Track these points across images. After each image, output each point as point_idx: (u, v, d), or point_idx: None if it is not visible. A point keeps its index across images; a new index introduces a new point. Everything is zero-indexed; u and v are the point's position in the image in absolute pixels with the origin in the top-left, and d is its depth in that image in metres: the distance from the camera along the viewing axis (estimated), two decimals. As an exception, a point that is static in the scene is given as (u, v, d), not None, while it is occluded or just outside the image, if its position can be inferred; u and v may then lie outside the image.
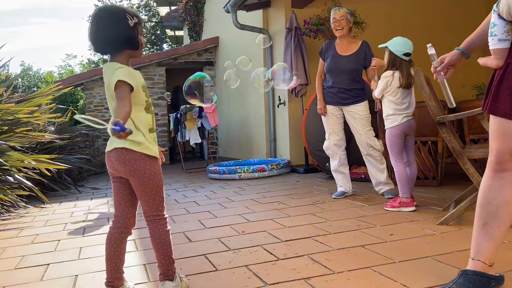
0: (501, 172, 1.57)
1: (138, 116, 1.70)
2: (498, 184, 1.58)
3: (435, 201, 3.35)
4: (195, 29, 10.83)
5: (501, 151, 1.56)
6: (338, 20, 3.74)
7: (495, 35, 1.49)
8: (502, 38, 1.48)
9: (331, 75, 3.87)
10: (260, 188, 4.73)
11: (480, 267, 1.60)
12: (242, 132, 7.90)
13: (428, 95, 2.74)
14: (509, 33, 1.47)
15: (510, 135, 1.52)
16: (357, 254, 2.20)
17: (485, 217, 1.60)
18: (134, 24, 1.70)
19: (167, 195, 4.70)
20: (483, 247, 1.60)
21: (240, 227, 2.96)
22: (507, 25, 1.46)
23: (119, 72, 1.63)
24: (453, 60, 1.77)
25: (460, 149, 2.57)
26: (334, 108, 3.88)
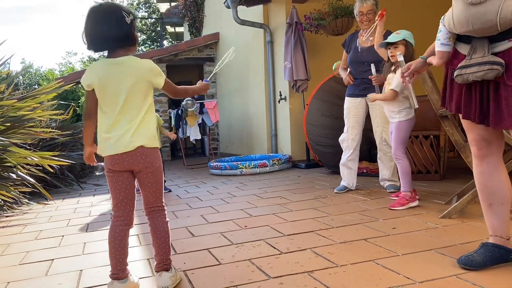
0: (485, 158, 1.82)
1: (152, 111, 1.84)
2: (487, 169, 1.82)
3: (437, 195, 3.35)
4: (196, 25, 10.81)
5: (475, 140, 1.82)
6: (365, 14, 3.62)
7: (439, 40, 1.80)
8: (444, 43, 1.79)
9: (353, 67, 3.85)
10: (262, 184, 4.74)
11: (498, 241, 1.81)
12: (243, 127, 7.90)
13: (430, 88, 2.74)
14: (450, 40, 1.78)
15: (473, 127, 1.80)
16: (359, 247, 2.21)
17: (488, 199, 1.83)
18: (130, 21, 1.75)
19: (169, 190, 4.71)
20: (495, 224, 1.82)
21: (243, 222, 2.97)
22: (449, 33, 1.76)
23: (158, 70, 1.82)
24: (418, 68, 2.15)
25: (462, 142, 2.57)
26: (356, 101, 3.84)
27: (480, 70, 1.63)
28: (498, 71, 1.60)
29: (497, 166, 1.81)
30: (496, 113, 1.66)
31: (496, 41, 1.63)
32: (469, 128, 1.84)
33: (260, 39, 6.76)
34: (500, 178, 1.80)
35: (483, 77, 1.63)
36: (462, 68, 1.70)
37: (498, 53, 1.64)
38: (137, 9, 23.19)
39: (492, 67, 1.61)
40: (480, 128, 1.78)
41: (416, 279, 1.73)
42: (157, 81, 1.81)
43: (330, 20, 5.26)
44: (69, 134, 5.76)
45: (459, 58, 1.76)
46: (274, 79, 6.57)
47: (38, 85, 20.94)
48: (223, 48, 8.93)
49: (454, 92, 1.81)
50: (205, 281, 1.88)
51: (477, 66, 1.64)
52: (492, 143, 1.80)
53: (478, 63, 1.65)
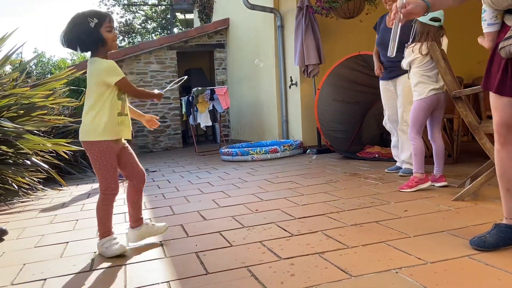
0: (506, 145, 1.75)
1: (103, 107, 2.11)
2: (506, 156, 1.77)
3: (450, 178, 3.31)
4: (205, 12, 10.75)
5: (498, 124, 1.75)
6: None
7: (485, 20, 1.69)
8: (490, 23, 1.68)
9: (380, 49, 3.87)
10: (273, 169, 4.74)
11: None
12: (254, 114, 7.88)
13: (443, 69, 2.69)
14: (498, 18, 1.66)
15: (499, 107, 1.70)
16: (371, 229, 2.20)
17: (506, 184, 1.79)
18: (95, 25, 2.00)
19: (181, 176, 4.75)
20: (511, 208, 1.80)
21: (254, 205, 2.98)
22: (494, 11, 1.65)
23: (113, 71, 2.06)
24: (415, 10, 1.77)
25: (476, 124, 2.53)
26: (386, 83, 3.88)
27: None
28: None
29: None
30: None
31: None
32: (494, 110, 1.75)
33: (271, 24, 6.70)
34: None
35: None
36: (506, 39, 1.59)
37: None
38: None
39: None
40: (505, 111, 1.70)
41: (428, 259, 1.72)
42: (109, 79, 2.05)
43: (342, 2, 5.17)
44: (82, 122, 5.81)
45: (505, 31, 1.65)
46: (284, 64, 6.52)
47: (51, 74, 21.14)
48: (233, 34, 8.88)
49: (494, 68, 1.72)
50: (217, 262, 1.90)
51: None
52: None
53: None
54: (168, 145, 8.93)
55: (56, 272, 1.95)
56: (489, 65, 1.74)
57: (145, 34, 23.30)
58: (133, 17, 23.47)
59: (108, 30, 2.04)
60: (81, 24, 2.00)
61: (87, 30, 1.99)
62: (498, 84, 1.67)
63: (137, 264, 1.98)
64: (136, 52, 8.62)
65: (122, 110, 2.15)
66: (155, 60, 8.79)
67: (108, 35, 2.04)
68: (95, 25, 2.00)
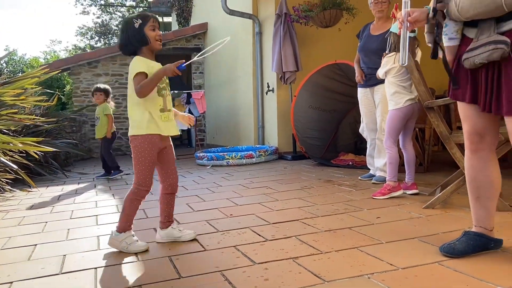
0: (477, 152, 1.79)
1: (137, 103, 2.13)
2: (477, 164, 1.80)
3: (421, 186, 3.40)
4: (184, 15, 10.70)
5: (469, 132, 1.78)
6: (380, 2, 3.65)
7: (446, 34, 1.75)
8: (452, 37, 1.75)
9: (361, 55, 3.91)
10: (248, 174, 4.74)
11: (481, 230, 1.84)
12: (230, 119, 7.88)
13: (417, 80, 2.76)
14: (458, 32, 1.74)
15: (471, 117, 1.75)
16: (344, 235, 2.23)
17: (476, 192, 1.83)
18: (139, 25, 2.09)
19: (155, 180, 4.66)
20: (481, 215, 1.85)
21: (228, 210, 2.97)
22: (456, 26, 1.73)
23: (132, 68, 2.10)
24: (420, 17, 1.80)
25: (447, 134, 2.61)
26: (365, 91, 3.91)
27: (485, 50, 1.57)
28: (504, 50, 1.53)
29: (488, 160, 1.78)
30: (497, 98, 1.61)
31: (503, 21, 1.57)
32: (465, 119, 1.79)
33: (249, 30, 6.73)
34: (490, 173, 1.78)
35: (488, 57, 1.57)
36: (469, 51, 1.64)
37: (505, 33, 1.57)
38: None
39: (497, 47, 1.53)
40: (476, 120, 1.74)
41: (399, 265, 1.75)
42: (131, 76, 2.10)
43: (317, 11, 5.26)
44: (54, 122, 5.67)
45: (467, 43, 1.70)
46: (262, 70, 6.56)
47: (22, 72, 20.51)
48: (212, 38, 8.87)
49: (460, 79, 1.75)
50: (190, 266, 1.88)
51: (482, 47, 1.58)
52: (484, 137, 1.76)
53: (483, 44, 1.58)
54: (142, 148, 8.81)
55: (23, 275, 1.88)
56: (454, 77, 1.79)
57: (122, 36, 22.96)
58: (110, 18, 23.12)
59: (151, 29, 2.12)
60: (127, 27, 2.12)
61: (133, 30, 2.10)
62: (471, 94, 1.72)
63: (108, 267, 1.94)
64: (112, 53, 8.49)
65: (165, 106, 2.17)
66: (132, 62, 8.67)
67: (151, 33, 2.11)
68: (139, 25, 2.10)
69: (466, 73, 1.73)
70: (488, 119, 1.73)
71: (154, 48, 2.15)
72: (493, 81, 1.62)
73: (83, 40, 23.42)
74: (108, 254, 2.12)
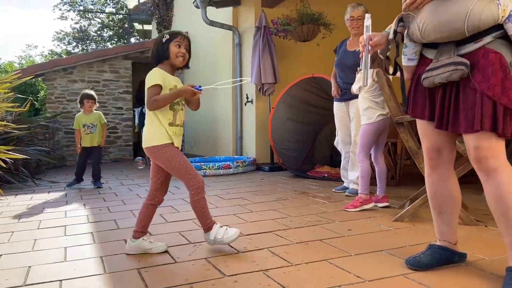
0: (436, 168, 1.85)
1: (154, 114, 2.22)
2: (437, 179, 1.86)
3: (392, 199, 3.46)
4: (164, 24, 10.68)
5: (428, 149, 1.84)
6: (355, 19, 3.71)
7: (406, 55, 1.81)
8: (411, 58, 1.81)
9: (338, 70, 3.98)
10: (224, 185, 4.74)
11: (445, 244, 1.89)
12: (209, 129, 7.87)
13: (388, 96, 2.84)
14: (417, 54, 1.80)
15: (429, 134, 1.82)
16: (315, 247, 2.25)
17: (438, 208, 1.88)
18: (166, 40, 2.22)
19: (129, 189, 4.62)
20: (444, 230, 1.90)
21: (202, 221, 2.95)
22: (415, 47, 1.78)
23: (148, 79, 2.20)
24: (381, 41, 1.91)
25: (416, 148, 2.68)
26: (340, 105, 3.98)
27: (445, 71, 1.63)
28: (463, 71, 1.59)
29: (447, 176, 1.84)
30: (455, 117, 1.67)
31: (463, 44, 1.63)
32: (423, 136, 1.86)
33: (229, 41, 6.77)
34: (450, 188, 1.84)
35: (448, 78, 1.62)
36: (429, 71, 1.70)
37: (464, 55, 1.63)
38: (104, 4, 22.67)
39: (457, 68, 1.59)
40: (435, 137, 1.81)
41: (366, 277, 1.78)
42: (146, 87, 2.19)
43: (296, 26, 5.35)
44: (25, 128, 5.54)
45: (426, 63, 1.76)
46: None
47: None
48: (192, 48, 8.85)
49: (418, 97, 1.82)
50: (159, 279, 1.86)
51: (442, 68, 1.64)
52: (443, 153, 1.82)
53: (443, 65, 1.64)
54: (118, 157, 8.69)
55: (-16, 288, 1.82)
56: (413, 96, 1.85)
57: (100, 42, 22.72)
58: (88, 24, 22.86)
59: (176, 45, 2.22)
60: (157, 40, 2.27)
61: (159, 44, 2.24)
62: (429, 112, 1.78)
63: (74, 280, 1.89)
64: (89, 60, 8.39)
65: (174, 120, 2.23)
66: (109, 69, 8.59)
67: (174, 49, 2.22)
68: (166, 40, 2.22)
69: (424, 91, 1.79)
70: (445, 136, 1.80)
71: (174, 64, 2.25)
72: (451, 101, 1.68)
73: (60, 46, 23.05)
74: (74, 266, 2.08)
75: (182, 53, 2.24)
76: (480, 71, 1.58)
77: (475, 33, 1.58)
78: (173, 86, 2.25)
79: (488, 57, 1.58)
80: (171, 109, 2.23)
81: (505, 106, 1.55)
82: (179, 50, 2.23)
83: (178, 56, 2.23)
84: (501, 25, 1.57)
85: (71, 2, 22.10)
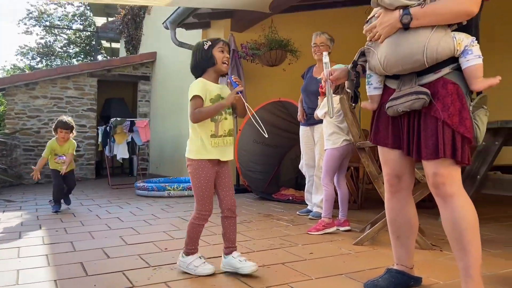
0: (396, 193, 1.91)
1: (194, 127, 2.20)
2: (396, 205, 1.91)
3: (354, 223, 3.53)
4: (132, 43, 10.64)
5: (389, 175, 1.90)
6: (318, 45, 3.85)
7: (371, 84, 1.88)
8: (376, 87, 1.87)
9: (304, 95, 4.08)
10: (188, 206, 4.67)
11: (402, 268, 1.94)
12: (175, 149, 7.78)
13: (351, 121, 2.93)
14: (381, 83, 1.86)
15: (390, 161, 1.88)
16: (277, 271, 2.25)
17: (396, 232, 1.93)
18: (208, 46, 2.17)
19: (89, 210, 4.48)
20: (401, 254, 1.95)
21: (163, 244, 2.90)
22: (380, 77, 1.85)
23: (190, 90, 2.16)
24: (341, 76, 2.02)
25: (376, 173, 2.77)
26: (305, 129, 4.07)
27: (408, 100, 1.69)
28: (425, 100, 1.66)
29: (406, 201, 1.90)
30: (418, 144, 1.73)
31: (424, 74, 1.70)
32: (384, 163, 1.92)
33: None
34: (409, 213, 1.90)
35: (410, 106, 1.69)
36: (393, 100, 1.77)
37: (424, 85, 1.71)
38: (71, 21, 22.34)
39: (419, 97, 1.66)
40: (395, 164, 1.87)
41: (326, 302, 1.79)
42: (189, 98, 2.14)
43: (264, 51, 5.47)
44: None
45: (389, 93, 1.83)
46: (208, 103, 6.60)
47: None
48: (160, 68, 8.85)
49: (381, 125, 1.88)
50: (115, 304, 1.80)
51: (405, 97, 1.71)
52: (402, 179, 1.88)
53: (406, 94, 1.71)
54: (79, 176, 8.41)
55: None
56: (376, 123, 1.92)
57: (65, 58, 22.25)
58: (54, 40, 22.39)
59: (219, 50, 2.18)
60: (197, 49, 2.21)
61: (202, 52, 2.18)
62: (392, 139, 1.85)
63: (24, 306, 1.80)
64: (52, 76, 8.19)
65: (216, 131, 2.18)
66: (73, 86, 8.40)
67: (219, 54, 2.17)
68: (209, 46, 2.17)
69: (387, 120, 1.85)
70: (406, 162, 1.86)
71: (220, 69, 2.21)
72: (414, 128, 1.76)
73: (23, 60, 22.38)
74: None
75: (227, 57, 2.21)
76: (440, 100, 1.66)
77: (434, 64, 1.66)
78: (215, 96, 2.19)
79: (447, 88, 1.67)
80: (212, 120, 2.18)
81: (462, 135, 1.64)
82: (223, 55, 2.19)
83: (224, 61, 2.19)
84: (458, 58, 1.66)
85: (37, 17, 21.64)
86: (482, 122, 1.68)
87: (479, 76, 1.64)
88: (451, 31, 1.64)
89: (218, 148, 2.19)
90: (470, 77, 1.65)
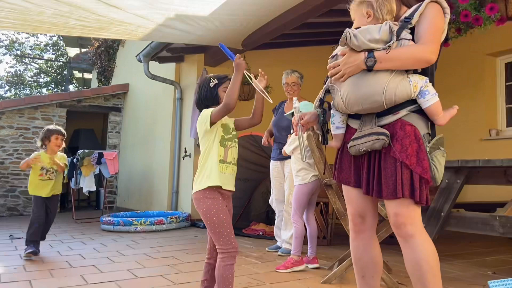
0: (360, 233, 1.91)
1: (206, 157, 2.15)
2: (361, 244, 1.91)
3: (323, 260, 3.50)
4: (105, 74, 10.58)
5: (353, 214, 1.91)
6: (289, 85, 3.96)
7: (334, 123, 1.92)
8: (339, 126, 1.91)
9: (274, 130, 4.12)
10: (155, 242, 4.54)
11: None
12: (144, 182, 7.63)
13: (318, 158, 2.96)
14: (344, 122, 1.91)
15: (354, 199, 1.89)
16: (242, 312, 2.19)
17: (361, 272, 1.92)
18: (214, 85, 2.21)
19: (50, 246, 4.28)
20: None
21: (126, 284, 2.78)
22: (342, 116, 1.90)
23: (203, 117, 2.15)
24: (311, 120, 2.03)
25: (343, 211, 2.78)
26: (276, 163, 4.08)
27: (368, 140, 1.74)
28: (384, 141, 1.70)
29: (370, 241, 1.91)
30: (378, 183, 1.75)
31: (383, 115, 1.76)
32: (348, 202, 1.93)
33: (170, 94, 6.82)
34: (373, 253, 1.91)
35: (371, 146, 1.73)
36: (354, 139, 1.80)
37: (384, 126, 1.76)
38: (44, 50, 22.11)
39: (379, 137, 1.71)
40: (358, 203, 1.88)
41: None
42: (205, 124, 2.12)
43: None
44: None
45: (351, 132, 1.87)
46: (180, 135, 6.57)
47: None
48: (132, 99, 8.80)
49: (344, 164, 1.91)
50: None
51: (366, 137, 1.75)
52: (366, 219, 1.90)
53: (366, 134, 1.76)
54: (42, 209, 8.08)
55: None
56: (339, 161, 1.94)
57: (35, 87, 21.85)
58: (24, 69, 22.02)
59: (224, 90, 2.18)
60: (203, 85, 2.25)
61: (207, 89, 2.22)
62: (354, 178, 1.87)
63: None
64: (20, 106, 8.00)
65: (225, 157, 2.14)
66: (41, 116, 8.21)
67: (223, 94, 2.16)
68: (215, 85, 2.21)
69: (350, 159, 1.89)
70: (369, 202, 1.88)
71: None
72: (375, 168, 1.79)
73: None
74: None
75: None
76: (399, 141, 1.72)
77: (392, 106, 1.73)
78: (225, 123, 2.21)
79: (405, 129, 1.73)
80: (222, 145, 2.16)
81: (420, 175, 1.68)
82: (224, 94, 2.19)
83: None
84: (415, 100, 1.74)
85: (7, 46, 21.32)
86: (439, 162, 1.73)
87: (440, 112, 1.72)
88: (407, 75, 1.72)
89: (225, 175, 2.12)
90: (433, 114, 1.73)
